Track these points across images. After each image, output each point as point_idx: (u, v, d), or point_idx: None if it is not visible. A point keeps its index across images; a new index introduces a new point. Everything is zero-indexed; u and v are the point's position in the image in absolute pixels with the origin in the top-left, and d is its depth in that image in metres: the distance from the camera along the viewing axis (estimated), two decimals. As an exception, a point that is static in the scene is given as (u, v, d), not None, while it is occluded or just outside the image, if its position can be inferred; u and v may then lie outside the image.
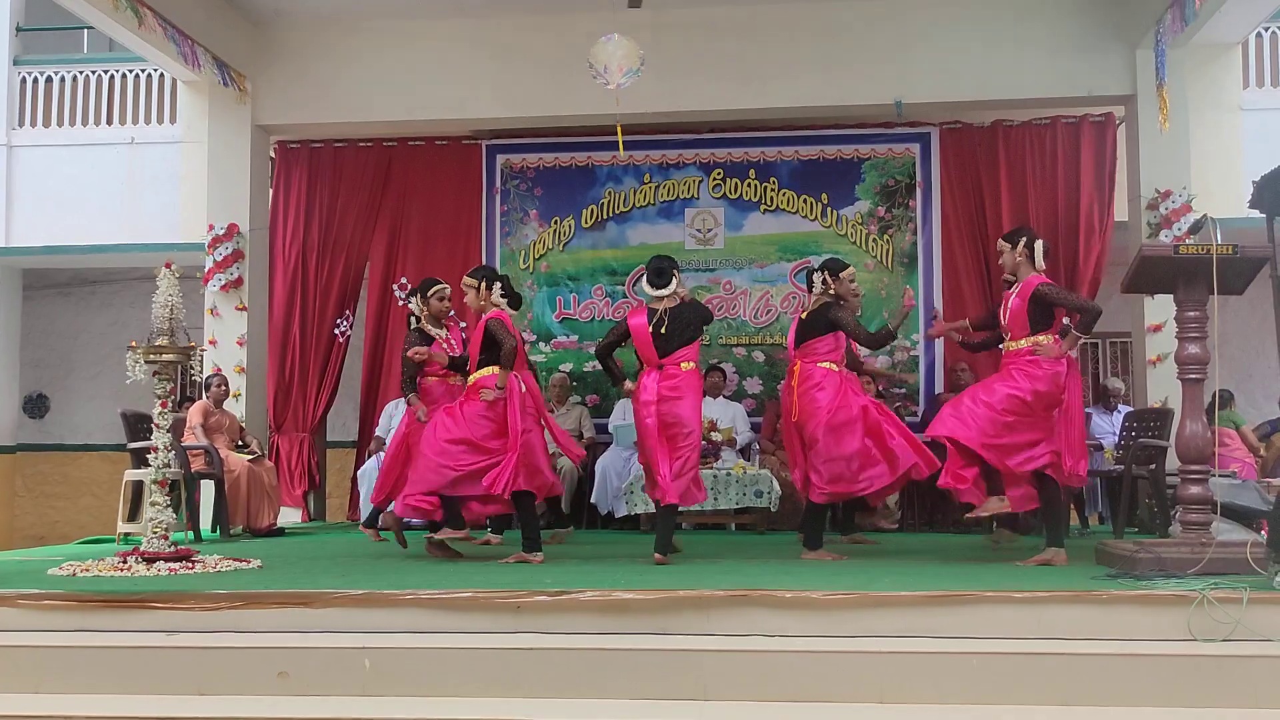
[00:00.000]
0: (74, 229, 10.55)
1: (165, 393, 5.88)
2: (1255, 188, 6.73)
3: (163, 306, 5.87)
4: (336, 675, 4.19)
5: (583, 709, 3.97)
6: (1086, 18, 8.93)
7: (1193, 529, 5.09)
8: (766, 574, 5.26)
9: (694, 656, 4.18)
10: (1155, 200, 8.69)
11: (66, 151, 10.76)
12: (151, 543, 5.70)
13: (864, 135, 9.77)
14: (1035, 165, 9.53)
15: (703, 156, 9.91)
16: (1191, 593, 4.29)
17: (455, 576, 5.21)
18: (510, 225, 10.02)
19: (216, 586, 4.83)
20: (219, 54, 8.86)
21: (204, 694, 4.17)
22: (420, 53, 9.44)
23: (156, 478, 5.85)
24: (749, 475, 8.20)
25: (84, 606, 4.60)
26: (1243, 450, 9.17)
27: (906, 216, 9.68)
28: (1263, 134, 9.41)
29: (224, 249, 9.43)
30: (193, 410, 8.48)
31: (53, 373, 12.15)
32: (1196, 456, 5.16)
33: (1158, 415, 7.83)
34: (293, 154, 10.16)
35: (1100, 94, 9.01)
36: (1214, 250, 5.03)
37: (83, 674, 4.27)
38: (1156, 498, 7.46)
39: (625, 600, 4.47)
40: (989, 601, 4.42)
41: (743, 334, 9.74)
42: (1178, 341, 5.29)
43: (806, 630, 4.36)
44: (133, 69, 10.74)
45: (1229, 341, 10.72)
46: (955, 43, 9.01)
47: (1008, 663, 4.11)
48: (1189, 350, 5.21)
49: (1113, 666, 4.06)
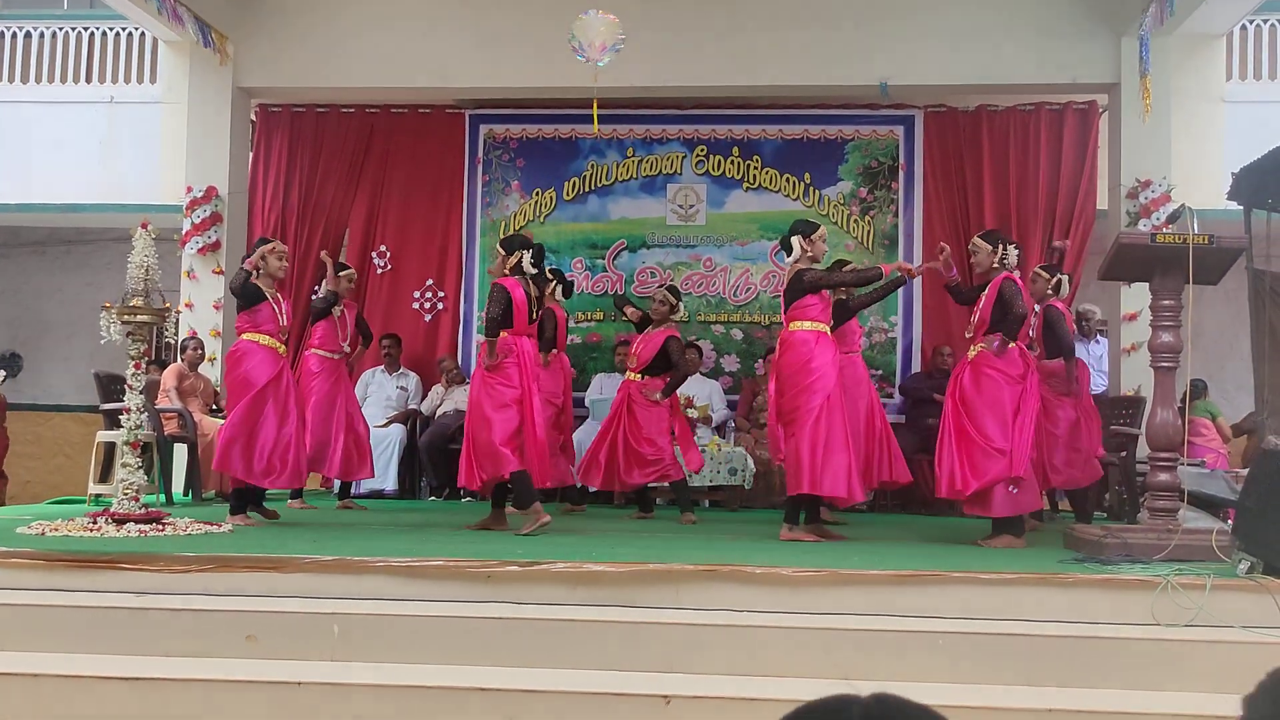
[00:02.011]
0: (50, 187, 10.44)
1: (139, 354, 5.84)
2: (1234, 180, 6.79)
3: (138, 267, 5.81)
4: (305, 640, 4.19)
5: (551, 678, 3.98)
6: (1073, 5, 8.94)
7: (1160, 516, 5.14)
8: (737, 550, 5.28)
9: (663, 629, 4.20)
10: (1135, 189, 8.74)
11: (45, 109, 10.62)
12: (122, 504, 5.67)
13: (848, 116, 9.77)
14: (1018, 151, 9.56)
15: (686, 132, 9.88)
16: (1156, 578, 4.33)
17: (427, 545, 5.21)
18: (491, 196, 9.98)
19: (186, 549, 4.81)
20: (201, 14, 8.76)
21: (171, 656, 4.15)
22: (405, 20, 9.37)
23: (129, 439, 5.81)
24: (724, 453, 8.23)
25: (52, 566, 4.57)
26: (1217, 440, 9.27)
27: (888, 198, 9.69)
28: (1244, 126, 9.43)
29: (202, 212, 9.37)
30: (167, 373, 8.45)
31: (26, 331, 12.04)
32: (1166, 444, 5.21)
33: (1130, 403, 7.89)
34: (274, 118, 10.07)
35: (1084, 81, 9.04)
36: (1190, 240, 5.05)
37: (49, 633, 4.25)
38: (1126, 484, 7.53)
39: (596, 572, 4.48)
40: (956, 582, 4.44)
41: (721, 311, 9.75)
42: (1152, 330, 5.33)
43: (775, 606, 4.37)
44: (113, 27, 10.61)
45: (1203, 332, 10.78)
46: (942, 26, 9.01)
47: (973, 642, 4.14)
48: (1163, 339, 5.24)
49: (1077, 648, 4.11)
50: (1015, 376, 5.84)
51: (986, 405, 5.78)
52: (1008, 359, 5.81)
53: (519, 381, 6.17)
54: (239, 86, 9.50)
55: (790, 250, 6.22)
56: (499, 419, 6.11)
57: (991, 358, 5.83)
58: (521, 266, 6.32)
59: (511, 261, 6.33)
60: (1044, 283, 7.05)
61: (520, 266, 6.32)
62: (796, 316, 6.08)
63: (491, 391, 6.16)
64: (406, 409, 9.41)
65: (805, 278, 6.08)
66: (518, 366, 6.18)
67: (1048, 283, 7.04)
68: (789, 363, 6.01)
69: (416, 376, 9.62)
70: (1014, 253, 6.06)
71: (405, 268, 10.00)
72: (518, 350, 6.20)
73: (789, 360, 6.01)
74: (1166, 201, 8.58)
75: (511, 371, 6.17)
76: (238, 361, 6.39)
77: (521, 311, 6.24)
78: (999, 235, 6.18)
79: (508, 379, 6.17)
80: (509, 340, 6.20)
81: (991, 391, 5.81)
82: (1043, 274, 7.12)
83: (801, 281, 6.09)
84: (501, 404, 6.14)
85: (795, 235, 6.19)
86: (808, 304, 6.06)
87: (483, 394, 6.18)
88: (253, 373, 6.33)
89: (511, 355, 6.18)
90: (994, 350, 5.80)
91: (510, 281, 6.27)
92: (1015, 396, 5.82)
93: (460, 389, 9.03)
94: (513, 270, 6.33)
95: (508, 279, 6.30)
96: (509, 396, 6.16)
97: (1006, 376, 5.82)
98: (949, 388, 6.11)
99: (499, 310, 6.17)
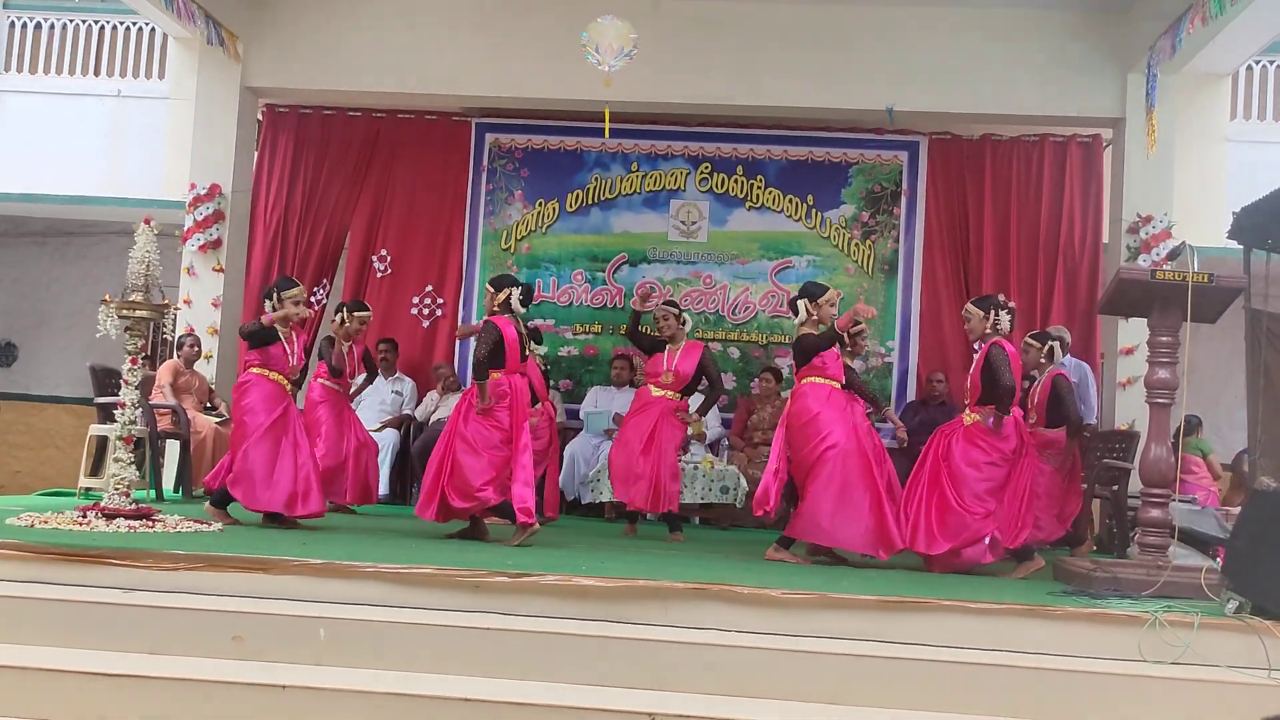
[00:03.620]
0: (54, 178, 10.42)
1: (136, 349, 5.84)
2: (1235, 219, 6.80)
3: (139, 262, 5.81)
4: (291, 643, 4.18)
5: (536, 691, 3.97)
6: (1081, 39, 8.97)
7: (1150, 551, 5.15)
8: (727, 569, 5.27)
9: (650, 646, 4.19)
10: (1136, 224, 8.76)
11: (52, 100, 10.62)
12: (113, 499, 5.66)
13: (853, 140, 9.80)
14: (1021, 181, 9.59)
15: (691, 149, 9.91)
16: (1144, 614, 4.34)
17: (417, 552, 5.21)
18: (494, 204, 10.00)
19: (176, 547, 4.80)
20: (211, 11, 8.76)
21: (156, 654, 4.15)
22: (416, 26, 9.38)
23: (122, 434, 5.81)
24: (716, 470, 8.23)
25: (40, 558, 4.56)
26: (1208, 479, 9.26)
27: (890, 223, 9.71)
28: (1246, 166, 9.49)
29: (205, 209, 9.36)
30: (162, 369, 8.44)
31: (23, 321, 12.03)
32: (1159, 480, 5.22)
33: (1123, 437, 7.89)
34: (280, 118, 10.08)
35: (1089, 115, 9.07)
36: (1190, 277, 5.07)
37: (35, 626, 4.23)
38: (1117, 519, 7.53)
39: (585, 587, 4.47)
40: (944, 610, 4.45)
41: (720, 329, 9.76)
42: (1148, 365, 5.34)
43: (763, 627, 4.38)
44: (124, 20, 10.63)
45: (1198, 369, 10.79)
46: (950, 54, 9.04)
47: (959, 671, 4.14)
48: (1159, 375, 5.26)
49: (1062, 682, 4.10)
50: (1008, 454, 5.88)
51: (972, 478, 5.84)
52: (1002, 434, 5.84)
53: (509, 423, 6.13)
54: (247, 86, 9.50)
55: (797, 312, 6.22)
56: (483, 461, 6.06)
57: (986, 432, 5.84)
58: (511, 304, 6.29)
59: (500, 298, 6.29)
60: (1036, 352, 6.94)
61: (510, 304, 6.29)
62: (806, 374, 6.12)
63: (480, 430, 6.10)
64: (401, 414, 9.40)
65: (804, 342, 6.10)
66: (510, 409, 6.14)
67: (1040, 351, 6.93)
68: (795, 413, 6.07)
69: (412, 382, 9.62)
70: (1006, 318, 6.06)
71: (405, 272, 10.00)
72: (512, 391, 6.16)
73: (795, 411, 6.07)
74: (1167, 238, 8.59)
75: (503, 415, 6.13)
76: (244, 394, 6.42)
77: (513, 350, 6.20)
78: (992, 300, 6.19)
79: (498, 421, 6.13)
80: (502, 381, 6.16)
81: (981, 468, 5.85)
82: (1033, 343, 7.01)
83: (802, 343, 6.11)
84: (489, 444, 6.10)
85: (802, 299, 6.20)
86: (816, 363, 6.08)
87: (468, 429, 6.12)
88: (259, 406, 6.35)
89: (505, 398, 6.13)
90: (990, 428, 5.81)
91: (501, 320, 6.23)
92: (1004, 474, 5.86)
93: (455, 396, 9.02)
94: (501, 307, 6.29)
95: (498, 317, 6.25)
96: (497, 438, 6.11)
97: (1001, 454, 5.87)
98: (936, 443, 6.08)
99: (486, 350, 6.11)
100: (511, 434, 6.12)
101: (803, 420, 6.00)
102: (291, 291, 6.54)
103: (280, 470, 6.30)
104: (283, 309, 6.47)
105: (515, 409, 6.13)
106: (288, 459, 6.33)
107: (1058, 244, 9.38)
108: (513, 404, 6.13)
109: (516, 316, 6.32)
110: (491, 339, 6.13)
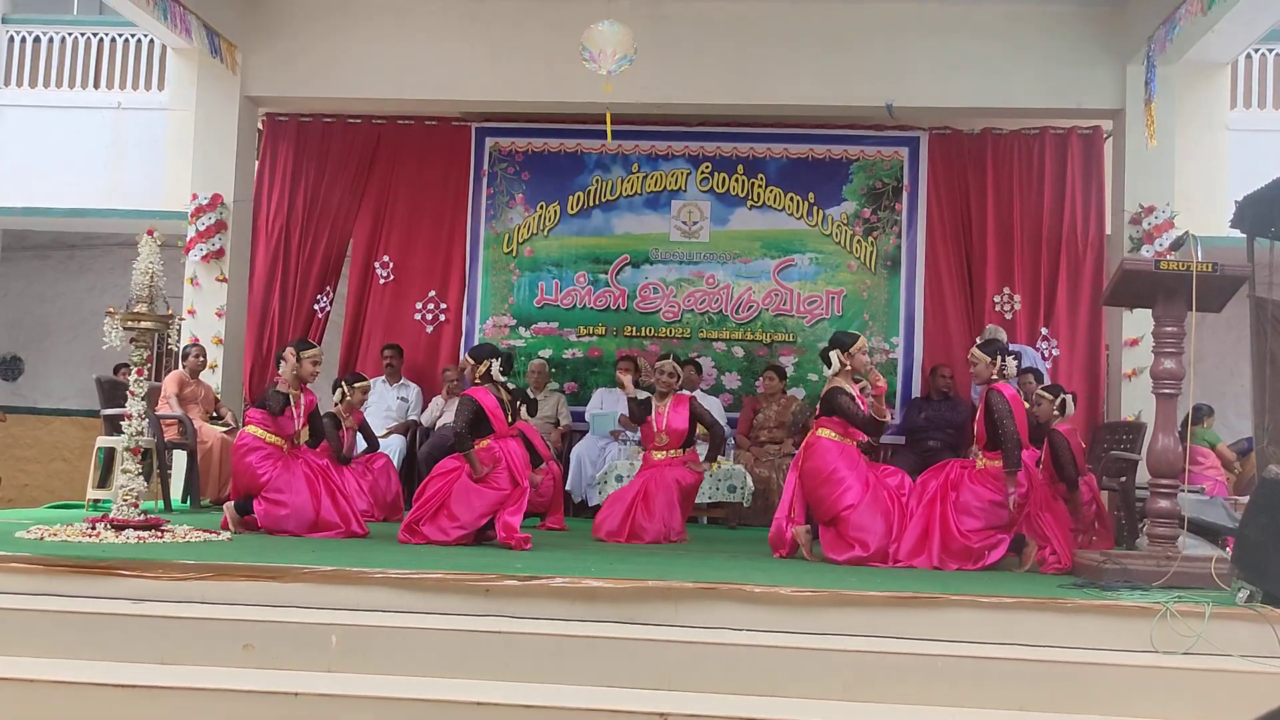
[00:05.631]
0: (56, 191, 10.43)
1: (141, 360, 5.85)
2: (1238, 208, 6.80)
3: (143, 273, 5.83)
4: (302, 650, 4.19)
5: (548, 694, 3.97)
6: (1079, 31, 8.97)
7: (1159, 542, 5.15)
8: (736, 568, 5.28)
9: (660, 647, 4.19)
10: (1138, 215, 8.75)
11: (52, 113, 10.62)
12: (121, 510, 5.68)
13: (853, 136, 9.78)
14: (1022, 174, 9.56)
15: (692, 149, 9.90)
16: (1155, 605, 4.34)
17: (425, 557, 5.21)
18: (496, 208, 10.00)
19: (185, 557, 4.81)
20: (209, 22, 8.78)
21: (168, 664, 4.15)
22: (413, 32, 9.39)
23: (129, 445, 5.82)
24: (723, 470, 8.21)
25: (50, 571, 4.57)
26: (1216, 469, 9.24)
27: (892, 219, 9.70)
28: (1247, 154, 9.48)
29: (207, 219, 9.37)
30: (168, 379, 8.44)
31: (28, 335, 12.06)
32: (1167, 471, 5.21)
33: (1130, 429, 7.89)
34: (280, 127, 10.09)
35: (1089, 107, 9.06)
36: (1194, 267, 5.07)
37: (46, 639, 4.24)
38: (1125, 510, 7.52)
39: (594, 588, 4.48)
40: (956, 605, 4.45)
41: (723, 329, 9.75)
42: (1154, 356, 5.34)
43: (774, 626, 4.38)
44: (122, 33, 10.64)
45: (1204, 359, 10.81)
46: (949, 48, 9.03)
47: (972, 666, 4.13)
48: (1164, 365, 5.25)
49: (1075, 674, 4.10)
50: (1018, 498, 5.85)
51: (978, 513, 5.82)
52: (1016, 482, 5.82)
53: (508, 483, 6.23)
54: (246, 95, 9.51)
55: (830, 364, 6.22)
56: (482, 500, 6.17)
57: (998, 476, 5.82)
58: (491, 374, 6.40)
59: (481, 370, 6.42)
60: (1049, 404, 6.84)
61: (490, 374, 6.40)
62: (825, 425, 6.14)
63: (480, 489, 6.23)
64: (406, 420, 9.40)
65: (835, 402, 6.10)
66: (507, 470, 6.23)
67: (1052, 404, 6.84)
68: (810, 471, 6.08)
69: (417, 388, 9.62)
70: (1012, 364, 6.05)
71: (408, 278, 10.00)
72: (505, 454, 6.25)
73: (810, 469, 6.09)
74: (1170, 228, 8.59)
75: (502, 478, 6.22)
76: (242, 456, 6.63)
77: (498, 416, 6.30)
78: (997, 345, 6.19)
79: (499, 484, 6.22)
80: (493, 446, 6.25)
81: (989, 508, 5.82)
82: (1046, 395, 6.93)
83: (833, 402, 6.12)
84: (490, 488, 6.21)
85: (834, 349, 6.20)
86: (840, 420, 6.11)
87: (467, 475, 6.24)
88: (258, 468, 6.52)
89: (501, 463, 6.22)
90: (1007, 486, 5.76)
91: (478, 391, 6.34)
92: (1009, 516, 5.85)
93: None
94: (482, 379, 6.41)
95: (475, 389, 6.38)
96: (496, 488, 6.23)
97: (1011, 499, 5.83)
98: (947, 468, 6.10)
99: (465, 422, 6.21)
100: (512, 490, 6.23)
101: (821, 477, 6.02)
102: (310, 352, 6.80)
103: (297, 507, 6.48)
104: (299, 369, 6.71)
105: (514, 469, 6.24)
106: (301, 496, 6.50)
107: (1060, 236, 9.36)
108: (509, 465, 6.23)
109: (497, 385, 6.41)
110: (469, 411, 6.25)
